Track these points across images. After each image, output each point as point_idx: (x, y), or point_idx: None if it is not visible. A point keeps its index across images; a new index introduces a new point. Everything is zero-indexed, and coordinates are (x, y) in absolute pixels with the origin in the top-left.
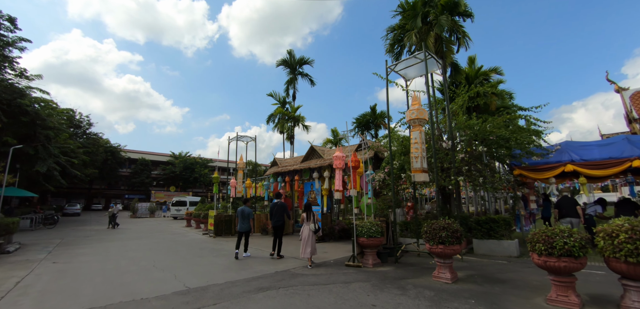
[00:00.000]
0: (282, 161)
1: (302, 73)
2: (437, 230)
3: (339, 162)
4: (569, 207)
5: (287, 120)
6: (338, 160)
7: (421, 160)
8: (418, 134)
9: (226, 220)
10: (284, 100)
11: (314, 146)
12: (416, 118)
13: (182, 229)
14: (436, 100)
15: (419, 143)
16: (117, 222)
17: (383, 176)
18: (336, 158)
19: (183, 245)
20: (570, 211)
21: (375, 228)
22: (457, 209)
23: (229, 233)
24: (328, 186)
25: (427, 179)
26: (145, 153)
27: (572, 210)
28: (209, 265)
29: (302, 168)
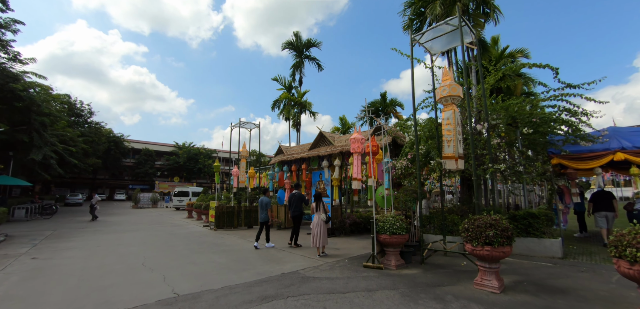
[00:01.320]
0: (288, 149)
1: (309, 57)
2: (483, 228)
3: (357, 145)
4: (605, 201)
5: (293, 106)
6: (356, 143)
7: (456, 144)
8: (451, 114)
9: (228, 211)
10: (289, 84)
11: (324, 132)
12: (449, 95)
13: (182, 220)
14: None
15: (453, 125)
16: (96, 214)
17: (405, 163)
18: (354, 141)
19: (181, 239)
20: (606, 205)
21: (399, 223)
22: (484, 201)
23: (231, 226)
24: (339, 176)
25: (462, 166)
26: (148, 144)
27: (608, 204)
28: (206, 264)
29: (311, 156)
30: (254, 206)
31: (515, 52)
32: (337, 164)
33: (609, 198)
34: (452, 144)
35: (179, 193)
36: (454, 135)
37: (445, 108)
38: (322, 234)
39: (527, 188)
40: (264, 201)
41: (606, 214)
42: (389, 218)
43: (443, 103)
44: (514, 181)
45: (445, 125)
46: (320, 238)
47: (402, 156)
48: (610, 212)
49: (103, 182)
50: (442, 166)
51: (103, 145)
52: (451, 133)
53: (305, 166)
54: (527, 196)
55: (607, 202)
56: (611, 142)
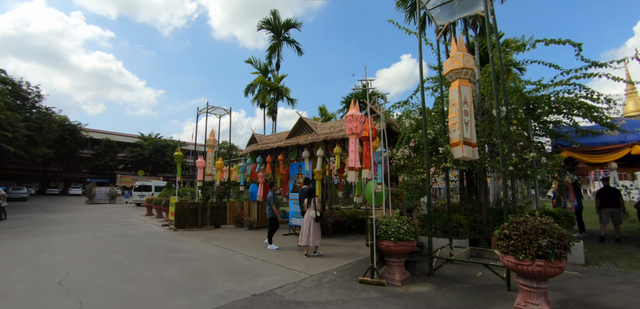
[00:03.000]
0: (262, 139)
1: (288, 39)
2: (532, 235)
3: (355, 125)
4: (611, 197)
5: (269, 91)
6: (354, 121)
7: (464, 128)
8: (455, 92)
9: (191, 209)
10: (265, 68)
11: (305, 118)
12: (462, 67)
13: (140, 218)
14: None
15: (457, 105)
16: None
17: (408, 152)
18: (351, 119)
19: (129, 242)
20: (612, 201)
21: (407, 227)
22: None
23: (195, 225)
24: (322, 168)
25: (476, 156)
26: (110, 134)
27: (613, 200)
28: (150, 280)
29: (289, 145)
30: (223, 202)
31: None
32: (319, 154)
33: (615, 195)
34: (459, 128)
35: (140, 187)
36: (458, 116)
37: (454, 85)
38: (312, 232)
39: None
40: (269, 197)
41: (611, 210)
42: (394, 220)
43: (452, 77)
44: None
45: (452, 106)
46: (310, 236)
47: (400, 144)
48: (616, 208)
49: (56, 175)
50: (452, 157)
51: (54, 133)
52: (455, 116)
53: (282, 158)
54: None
55: (613, 199)
56: (628, 133)
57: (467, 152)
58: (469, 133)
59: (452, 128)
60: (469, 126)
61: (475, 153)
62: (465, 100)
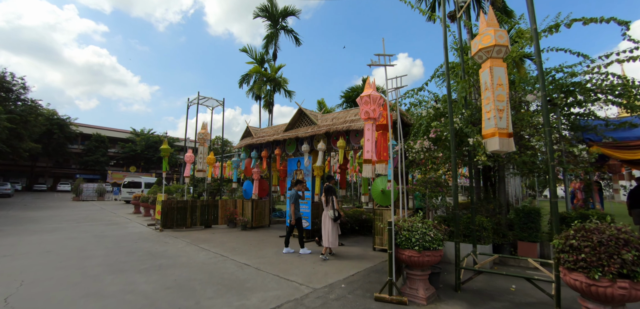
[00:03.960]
0: (257, 132)
1: (285, 28)
2: (612, 247)
3: (372, 108)
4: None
5: (265, 82)
6: (371, 104)
7: (500, 117)
8: (487, 74)
9: (179, 207)
10: (262, 57)
11: (304, 109)
12: (493, 44)
13: (126, 217)
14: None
15: (491, 88)
16: None
17: (428, 145)
18: (368, 102)
19: (106, 245)
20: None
21: (433, 234)
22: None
23: (183, 225)
24: (322, 163)
25: (512, 147)
26: (101, 129)
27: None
28: (118, 295)
29: (287, 138)
30: (214, 200)
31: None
32: (320, 148)
33: None
34: (493, 117)
35: (130, 184)
36: (492, 102)
37: (483, 66)
38: (330, 233)
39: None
40: (292, 195)
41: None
42: (417, 224)
43: (484, 56)
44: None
45: (485, 91)
46: (329, 237)
47: (416, 135)
48: None
49: (45, 171)
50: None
51: (41, 126)
52: (489, 101)
53: (279, 152)
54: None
55: None
56: None
57: (504, 144)
58: (504, 122)
59: (486, 117)
60: (505, 113)
61: (511, 144)
62: (500, 82)
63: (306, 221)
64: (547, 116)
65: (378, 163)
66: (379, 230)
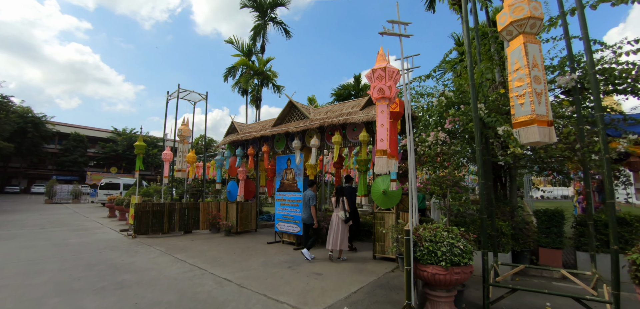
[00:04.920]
0: (243, 127)
1: (274, 20)
2: None
3: (388, 86)
4: None
5: (252, 76)
6: (385, 79)
7: (538, 102)
8: (520, 51)
9: (155, 211)
10: (249, 50)
11: (295, 102)
12: (527, 17)
13: (99, 221)
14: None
15: (525, 68)
16: None
17: (443, 137)
18: (382, 76)
19: (65, 256)
20: None
21: (463, 245)
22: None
23: (159, 231)
24: (316, 161)
25: (552, 138)
26: (80, 128)
27: None
28: None
29: (276, 133)
30: (195, 203)
31: None
32: (314, 145)
33: None
34: (527, 100)
35: (107, 185)
36: (528, 85)
37: (512, 43)
38: (340, 235)
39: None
40: (307, 196)
41: None
42: (442, 233)
43: (506, 37)
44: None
45: (514, 72)
46: (338, 240)
47: (425, 127)
48: None
49: (18, 171)
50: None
51: (13, 124)
52: (522, 83)
53: (267, 149)
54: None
55: None
56: None
57: (544, 133)
58: (543, 108)
59: (518, 102)
60: (543, 98)
61: (552, 134)
62: (535, 61)
63: (297, 226)
64: (599, 100)
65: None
66: (380, 235)
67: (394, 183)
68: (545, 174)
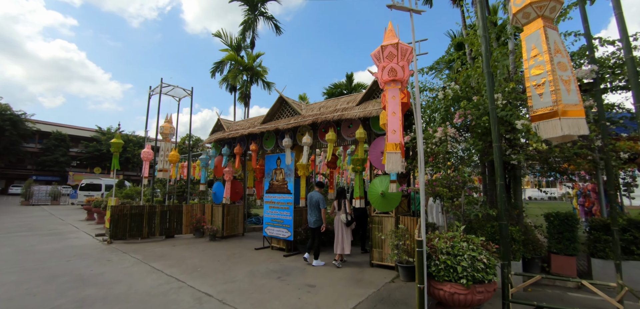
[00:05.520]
0: (230, 125)
1: (264, 14)
2: None
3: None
4: None
5: (241, 71)
6: (396, 58)
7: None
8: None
9: (133, 214)
10: (238, 44)
11: (286, 97)
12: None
13: (75, 225)
14: None
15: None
16: None
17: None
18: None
19: (27, 266)
20: None
21: (487, 259)
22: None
23: (138, 235)
24: (308, 161)
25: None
26: (62, 127)
27: None
28: None
29: (265, 130)
30: (178, 205)
31: None
32: (305, 143)
33: None
34: (546, 90)
35: (88, 186)
36: (550, 73)
37: (528, 28)
38: (344, 238)
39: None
40: (314, 199)
41: None
42: (461, 243)
43: (522, 20)
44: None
45: (530, 59)
46: (342, 243)
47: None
48: None
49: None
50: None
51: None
52: (541, 71)
53: (255, 148)
54: None
55: None
56: None
57: (571, 125)
58: (575, 96)
59: (536, 92)
60: (572, 85)
61: (584, 125)
62: (557, 48)
63: (287, 231)
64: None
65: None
66: (378, 241)
67: (394, 184)
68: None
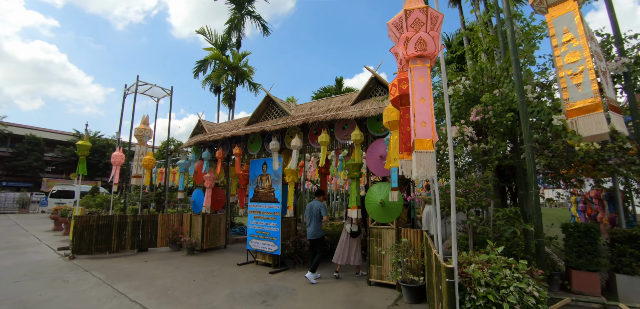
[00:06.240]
0: (212, 127)
1: (252, 14)
2: None
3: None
4: None
5: (226, 71)
6: (425, 26)
7: (606, 82)
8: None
9: (101, 225)
10: (223, 43)
11: (273, 97)
12: None
13: (39, 236)
14: None
15: (582, 40)
16: None
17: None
18: (419, 22)
19: None
20: None
21: (538, 292)
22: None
23: (106, 249)
24: (297, 166)
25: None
26: (37, 130)
27: None
28: None
29: (250, 132)
30: (153, 215)
31: None
32: (295, 146)
33: None
34: (585, 79)
35: (59, 193)
36: (587, 59)
37: (555, 8)
38: (348, 250)
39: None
40: (315, 208)
41: None
42: (504, 270)
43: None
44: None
45: (562, 45)
46: (345, 254)
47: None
48: None
49: None
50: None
51: None
52: (578, 57)
53: (239, 152)
54: None
55: None
56: None
57: (617, 121)
58: (611, 90)
59: (572, 82)
60: (608, 77)
61: (621, 122)
62: (591, 35)
63: (274, 244)
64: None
65: (407, 158)
66: (376, 256)
67: (395, 193)
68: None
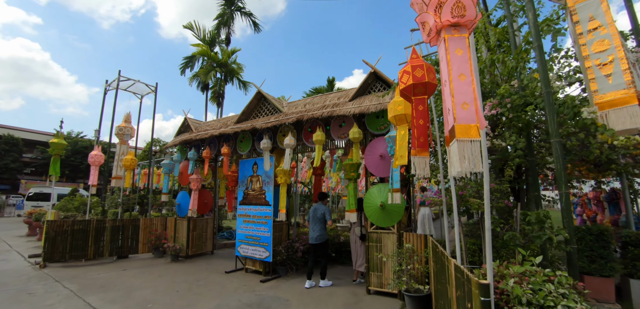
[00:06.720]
0: (199, 125)
1: (242, 10)
2: None
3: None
4: None
5: (214, 68)
6: None
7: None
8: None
9: (77, 230)
10: (212, 38)
11: (265, 93)
12: None
13: (10, 242)
14: None
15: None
16: None
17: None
18: None
19: None
20: None
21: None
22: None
23: (83, 256)
24: (289, 166)
25: None
26: (15, 129)
27: None
28: None
29: (239, 130)
30: (134, 219)
31: None
32: (288, 145)
33: None
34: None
35: (36, 196)
36: (617, 48)
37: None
38: (357, 254)
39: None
40: (319, 211)
41: None
42: (546, 285)
43: None
44: None
45: (588, 33)
46: (359, 258)
47: None
48: None
49: None
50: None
51: None
52: (607, 46)
53: (227, 151)
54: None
55: None
56: None
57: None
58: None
59: (600, 73)
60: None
61: None
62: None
63: (266, 251)
64: None
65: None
66: (376, 263)
67: (397, 194)
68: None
